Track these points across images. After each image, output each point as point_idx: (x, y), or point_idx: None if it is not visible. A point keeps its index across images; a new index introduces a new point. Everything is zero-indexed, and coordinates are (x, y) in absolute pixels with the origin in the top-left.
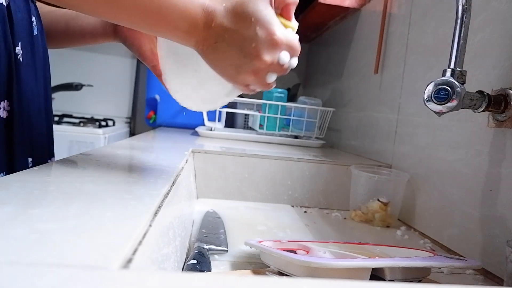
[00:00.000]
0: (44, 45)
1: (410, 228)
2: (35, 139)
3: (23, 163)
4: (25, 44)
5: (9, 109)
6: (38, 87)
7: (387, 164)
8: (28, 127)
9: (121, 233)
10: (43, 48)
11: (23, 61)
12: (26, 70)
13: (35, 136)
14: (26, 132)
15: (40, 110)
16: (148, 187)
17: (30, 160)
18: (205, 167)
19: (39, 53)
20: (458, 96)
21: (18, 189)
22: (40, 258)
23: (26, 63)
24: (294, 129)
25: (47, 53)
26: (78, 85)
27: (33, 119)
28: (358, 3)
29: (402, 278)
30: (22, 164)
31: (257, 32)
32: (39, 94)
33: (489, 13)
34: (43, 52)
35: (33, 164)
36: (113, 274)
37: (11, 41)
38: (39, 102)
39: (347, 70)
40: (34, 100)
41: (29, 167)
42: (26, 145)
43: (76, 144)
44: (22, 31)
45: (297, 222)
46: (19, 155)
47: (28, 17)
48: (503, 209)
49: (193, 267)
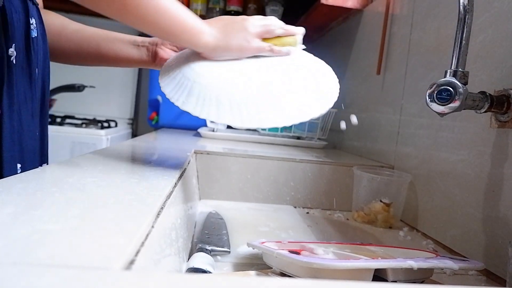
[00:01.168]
0: (45, 48)
1: (412, 229)
2: (26, 144)
3: (12, 169)
4: (20, 46)
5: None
6: (32, 90)
7: (389, 165)
8: (19, 131)
9: (123, 234)
10: (43, 51)
11: (17, 63)
12: (19, 73)
13: (25, 141)
14: (16, 137)
15: (33, 114)
16: (150, 188)
17: (19, 166)
18: (207, 168)
19: (38, 56)
20: (460, 97)
21: (20, 190)
22: (42, 258)
23: (20, 65)
24: (297, 130)
25: (47, 56)
26: (81, 86)
27: (24, 124)
28: (361, 4)
29: (405, 279)
30: (11, 170)
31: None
32: (32, 98)
33: (491, 13)
34: (43, 55)
35: (22, 170)
36: (115, 275)
37: (3, 43)
38: (32, 106)
39: (350, 71)
40: (27, 104)
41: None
42: (15, 150)
43: (78, 145)
44: (17, 33)
45: (300, 223)
46: (7, 161)
47: (25, 18)
48: (505, 209)
49: (196, 269)
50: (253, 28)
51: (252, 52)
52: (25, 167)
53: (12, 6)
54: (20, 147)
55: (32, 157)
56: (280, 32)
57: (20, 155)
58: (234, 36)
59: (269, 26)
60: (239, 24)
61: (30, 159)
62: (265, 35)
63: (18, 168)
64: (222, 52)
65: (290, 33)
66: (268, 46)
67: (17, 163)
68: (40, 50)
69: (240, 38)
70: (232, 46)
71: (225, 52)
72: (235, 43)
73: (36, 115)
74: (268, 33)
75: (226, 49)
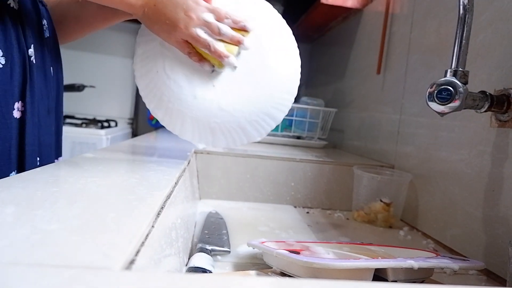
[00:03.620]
0: (57, 47)
1: (412, 228)
2: (43, 139)
3: (33, 163)
4: (36, 46)
5: (23, 110)
6: (47, 87)
7: (389, 164)
8: (37, 127)
9: (123, 234)
10: (56, 50)
11: (35, 62)
12: (37, 71)
13: (42, 135)
14: (36, 132)
15: (49, 110)
16: (150, 188)
17: (38, 159)
18: (207, 168)
19: (51, 55)
20: (460, 97)
21: (21, 190)
22: (43, 258)
23: (37, 64)
24: (297, 129)
25: (59, 54)
26: (81, 86)
27: (42, 119)
28: (361, 3)
29: (405, 279)
30: (32, 163)
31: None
32: (48, 95)
33: (492, 13)
34: (56, 54)
35: (40, 163)
36: (115, 275)
37: (24, 44)
38: (48, 103)
39: (350, 71)
40: (43, 101)
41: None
42: (35, 144)
43: (78, 145)
44: (33, 34)
45: (300, 223)
46: (29, 154)
47: (38, 19)
48: (505, 209)
49: (196, 268)
50: (195, 13)
51: (180, 36)
52: (42, 160)
53: (26, 9)
54: (38, 141)
55: (48, 151)
56: (223, 37)
57: (39, 149)
58: (173, 6)
59: (213, 26)
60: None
61: (47, 153)
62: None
63: (37, 161)
64: (153, 15)
65: (233, 41)
66: (190, 51)
67: (37, 157)
68: (53, 49)
69: (176, 13)
70: (164, 15)
71: (155, 16)
72: (169, 14)
73: (52, 112)
74: (209, 30)
75: (156, 13)
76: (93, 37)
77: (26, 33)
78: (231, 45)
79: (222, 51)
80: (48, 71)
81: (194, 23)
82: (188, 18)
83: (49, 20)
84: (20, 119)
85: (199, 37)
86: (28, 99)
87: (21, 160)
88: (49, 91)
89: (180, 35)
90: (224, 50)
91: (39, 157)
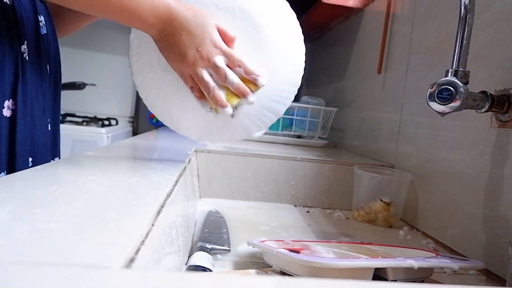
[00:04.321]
0: (56, 45)
1: (412, 228)
2: (38, 138)
3: (24, 163)
4: (31, 42)
5: (13, 108)
6: (43, 86)
7: (390, 164)
8: (31, 126)
9: (124, 233)
10: (54, 48)
11: (29, 59)
12: (31, 69)
13: (37, 135)
14: (28, 132)
15: (44, 109)
16: (151, 186)
17: (31, 159)
18: (207, 166)
19: (49, 52)
20: (461, 97)
21: (20, 188)
22: (43, 257)
23: (31, 61)
24: (297, 129)
25: (58, 52)
26: (81, 84)
27: (36, 119)
28: (362, 3)
29: (405, 278)
30: (23, 163)
31: (205, 35)
32: (44, 94)
33: (492, 13)
34: (54, 52)
35: (33, 164)
36: (115, 274)
37: (16, 40)
38: (44, 102)
39: (350, 70)
40: (38, 99)
41: (29, 167)
42: (27, 144)
43: (79, 143)
44: (27, 30)
45: (300, 222)
46: (20, 155)
47: (34, 16)
48: (506, 209)
49: (196, 266)
50: (207, 54)
51: (186, 70)
52: (36, 161)
53: (21, 4)
54: (32, 141)
55: (43, 152)
56: (228, 85)
57: (31, 149)
58: (189, 41)
59: (221, 72)
60: (204, 33)
61: (42, 153)
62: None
63: (29, 162)
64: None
65: (237, 92)
66: (193, 86)
67: (29, 157)
68: (51, 47)
69: (190, 49)
70: (177, 47)
71: (168, 44)
72: (182, 48)
73: (48, 111)
74: (216, 74)
75: (170, 42)
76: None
77: (20, 29)
78: (233, 95)
79: (220, 100)
80: (44, 69)
81: (203, 64)
82: (199, 56)
83: (48, 17)
84: (11, 118)
85: (203, 79)
86: (19, 97)
87: (11, 160)
88: (45, 90)
89: (186, 69)
90: (223, 98)
91: (32, 157)
